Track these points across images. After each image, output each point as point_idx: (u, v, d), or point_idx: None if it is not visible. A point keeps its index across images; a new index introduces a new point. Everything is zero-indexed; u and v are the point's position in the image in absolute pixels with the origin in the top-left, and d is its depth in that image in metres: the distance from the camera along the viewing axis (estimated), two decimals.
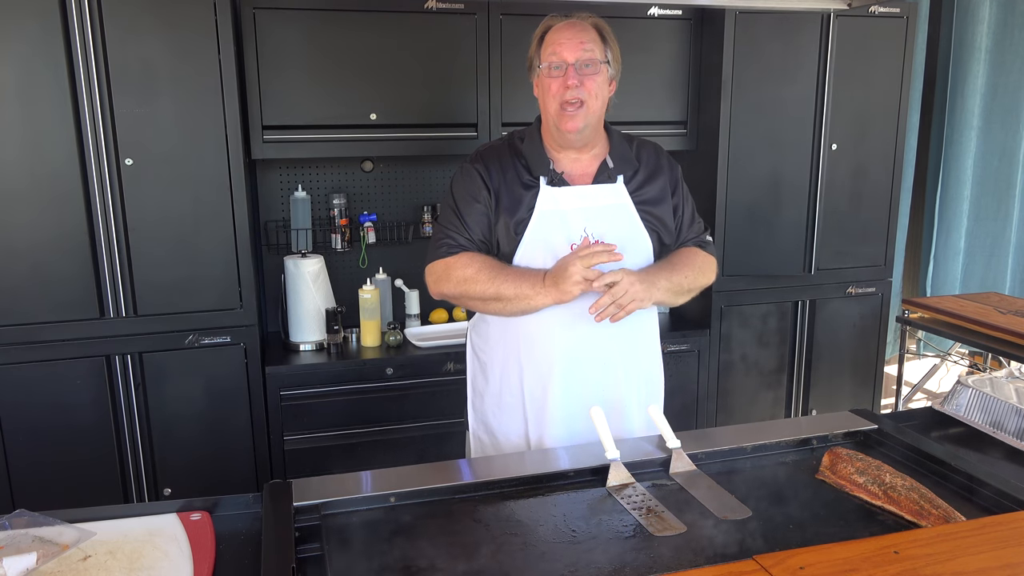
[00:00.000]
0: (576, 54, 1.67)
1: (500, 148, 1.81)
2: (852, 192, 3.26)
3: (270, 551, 1.20)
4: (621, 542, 1.28)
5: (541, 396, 1.78)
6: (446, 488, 1.44)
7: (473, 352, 1.93)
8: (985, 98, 4.32)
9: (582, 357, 1.77)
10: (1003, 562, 1.03)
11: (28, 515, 1.34)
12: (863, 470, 1.44)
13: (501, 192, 1.74)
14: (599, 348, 1.78)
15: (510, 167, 1.77)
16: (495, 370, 1.85)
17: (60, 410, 2.54)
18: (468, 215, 1.75)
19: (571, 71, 1.67)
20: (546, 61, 1.69)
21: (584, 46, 1.67)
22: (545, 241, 1.73)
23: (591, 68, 1.68)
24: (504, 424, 1.85)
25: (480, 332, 1.90)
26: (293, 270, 2.87)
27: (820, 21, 3.07)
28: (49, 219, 2.44)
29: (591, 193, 1.76)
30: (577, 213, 1.74)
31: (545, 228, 1.72)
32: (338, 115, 2.80)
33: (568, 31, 1.69)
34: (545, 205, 1.73)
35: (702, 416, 3.23)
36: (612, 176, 1.78)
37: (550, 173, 1.75)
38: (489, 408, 1.88)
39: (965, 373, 4.02)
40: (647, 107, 3.10)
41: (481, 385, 1.90)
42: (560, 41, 1.68)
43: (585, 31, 1.69)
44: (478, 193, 1.75)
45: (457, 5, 2.81)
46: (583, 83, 1.67)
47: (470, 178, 1.77)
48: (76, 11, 2.34)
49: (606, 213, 1.76)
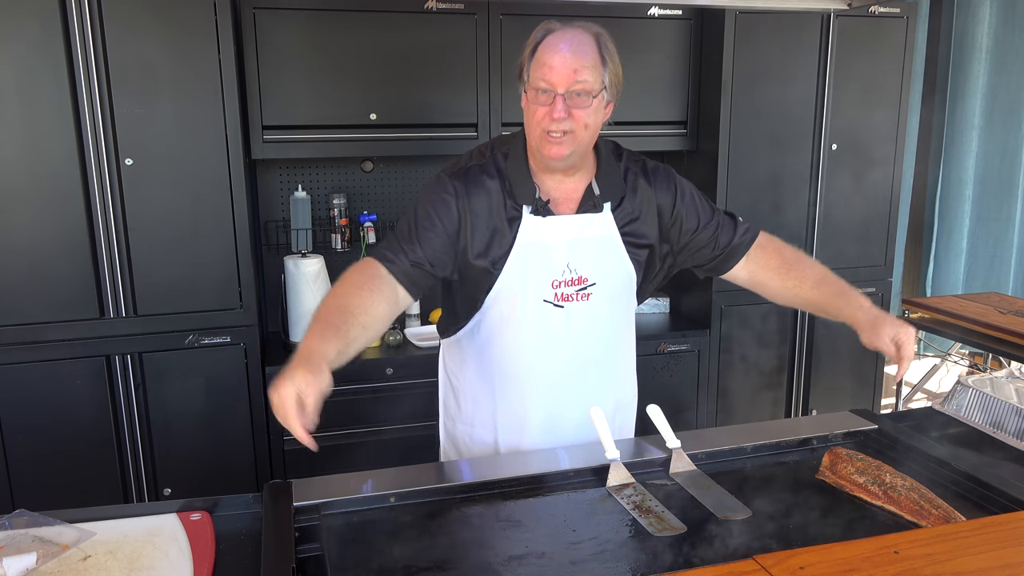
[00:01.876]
0: (567, 83, 1.47)
1: (484, 167, 1.62)
2: (852, 192, 3.26)
3: (270, 551, 1.20)
4: (621, 542, 1.28)
5: (517, 435, 1.71)
6: (446, 488, 1.44)
7: (446, 374, 1.84)
8: (986, 98, 4.32)
9: (563, 391, 1.68)
10: (1003, 562, 1.03)
11: (28, 515, 1.34)
12: (863, 470, 1.44)
13: (478, 221, 1.59)
14: (581, 381, 1.69)
15: (494, 192, 1.60)
16: (467, 398, 1.76)
17: (60, 410, 2.54)
18: (424, 236, 1.57)
19: (559, 101, 1.48)
20: (534, 84, 1.51)
21: (578, 76, 1.47)
22: (525, 275, 1.61)
23: (583, 99, 1.49)
24: (476, 451, 1.78)
25: (453, 355, 1.79)
26: (293, 270, 2.87)
27: (820, 21, 3.07)
28: (49, 219, 2.44)
29: (576, 223, 1.62)
30: (561, 246, 1.61)
31: (526, 261, 1.60)
32: (338, 115, 2.80)
33: (563, 53, 1.47)
34: (527, 236, 1.59)
35: (702, 416, 3.23)
36: (598, 204, 1.62)
37: (535, 201, 1.59)
38: (460, 436, 1.80)
39: (965, 373, 4.02)
40: (647, 107, 3.10)
41: (453, 410, 1.82)
42: (552, 64, 1.48)
43: (582, 53, 1.48)
44: (446, 218, 1.58)
45: (457, 5, 2.81)
46: (571, 114, 1.49)
47: (443, 199, 1.59)
48: (76, 11, 2.34)
49: (591, 246, 1.63)
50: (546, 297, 1.62)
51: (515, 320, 1.63)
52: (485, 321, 1.67)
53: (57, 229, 2.45)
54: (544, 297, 1.62)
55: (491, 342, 1.68)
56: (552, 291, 1.62)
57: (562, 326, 1.64)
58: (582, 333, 1.66)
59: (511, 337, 1.65)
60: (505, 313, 1.63)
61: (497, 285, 1.61)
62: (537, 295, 1.61)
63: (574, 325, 1.64)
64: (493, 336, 1.67)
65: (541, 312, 1.62)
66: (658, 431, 1.60)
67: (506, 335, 1.66)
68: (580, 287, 1.63)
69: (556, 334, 1.64)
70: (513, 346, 1.66)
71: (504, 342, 1.67)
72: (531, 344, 1.65)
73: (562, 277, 1.62)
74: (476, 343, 1.71)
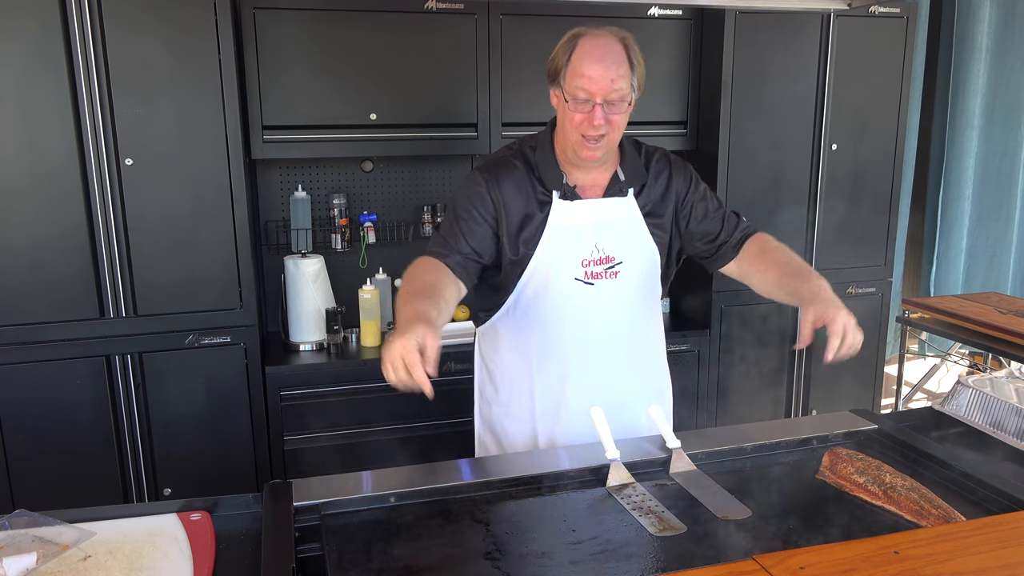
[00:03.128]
0: (605, 92, 1.58)
1: (511, 160, 1.74)
2: (852, 192, 3.26)
3: (270, 551, 1.20)
4: (621, 542, 1.28)
5: (554, 406, 1.79)
6: (446, 488, 1.44)
7: (482, 360, 1.93)
8: (986, 98, 4.32)
9: (593, 363, 1.77)
10: (1003, 562, 1.03)
11: (28, 515, 1.34)
12: (863, 470, 1.44)
13: (511, 207, 1.70)
14: (610, 354, 1.78)
15: (523, 180, 1.72)
16: (505, 379, 1.85)
17: (60, 410, 2.54)
18: (465, 228, 1.69)
19: (598, 110, 1.59)
20: (572, 93, 1.60)
21: (615, 84, 1.58)
22: (556, 255, 1.71)
23: (619, 106, 1.61)
24: (512, 432, 1.85)
25: (489, 340, 1.88)
26: (293, 270, 2.87)
27: (820, 21, 3.07)
28: (49, 219, 2.44)
29: (602, 207, 1.74)
30: (589, 227, 1.73)
31: (557, 242, 1.71)
32: (338, 115, 2.80)
33: (599, 63, 1.57)
34: (557, 219, 1.71)
35: (702, 416, 3.23)
36: (623, 189, 1.75)
37: (563, 186, 1.71)
38: (496, 416, 1.88)
39: (965, 373, 4.02)
40: (647, 107, 3.10)
41: (490, 394, 1.89)
42: (590, 75, 1.57)
43: (617, 62, 1.59)
44: (482, 207, 1.70)
45: (457, 5, 2.81)
46: (609, 120, 1.61)
47: (476, 191, 1.71)
48: (76, 11, 2.34)
49: (617, 227, 1.75)
50: (577, 275, 1.72)
51: (548, 298, 1.73)
52: (520, 301, 1.76)
53: (57, 229, 2.45)
54: (575, 275, 1.72)
55: (526, 320, 1.78)
56: (582, 269, 1.72)
57: (593, 302, 1.74)
58: (612, 308, 1.76)
59: (545, 313, 1.75)
60: (539, 292, 1.73)
61: (530, 266, 1.71)
62: (568, 273, 1.72)
63: (604, 301, 1.74)
64: (528, 314, 1.77)
65: (572, 289, 1.72)
66: (658, 431, 1.60)
67: (540, 312, 1.76)
68: (608, 266, 1.74)
69: (587, 310, 1.74)
70: (547, 321, 1.76)
71: (539, 318, 1.76)
72: (564, 320, 1.75)
73: (591, 256, 1.72)
74: (511, 323, 1.80)
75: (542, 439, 1.81)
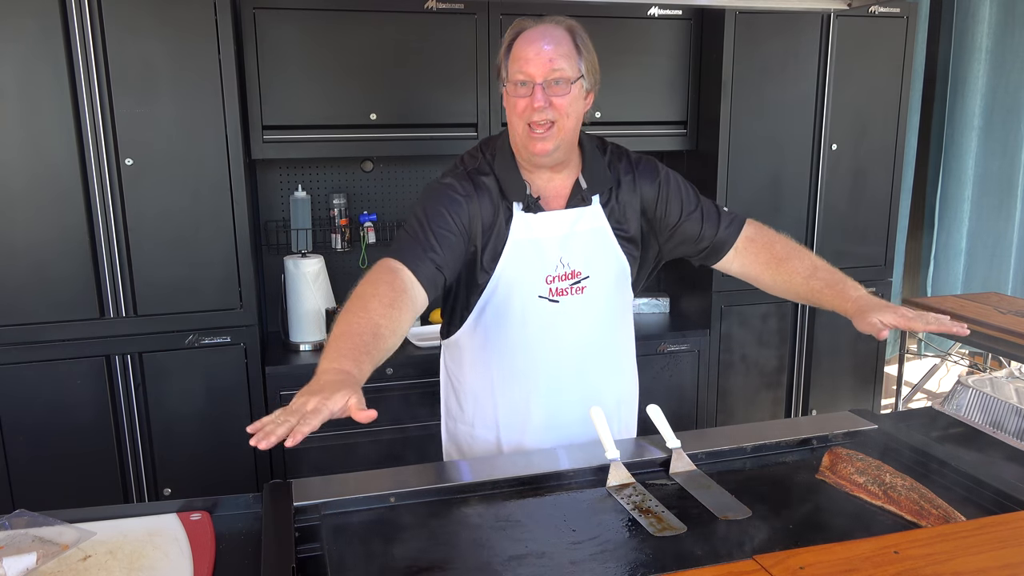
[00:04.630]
0: (544, 72, 1.51)
1: (481, 169, 1.64)
2: (852, 192, 3.26)
3: (270, 551, 1.20)
4: (621, 542, 1.28)
5: (520, 424, 1.71)
6: (446, 488, 1.44)
7: (447, 374, 1.84)
8: (986, 98, 4.32)
9: (559, 383, 1.69)
10: (1003, 562, 1.03)
11: (28, 515, 1.34)
12: (863, 470, 1.44)
13: (483, 221, 1.60)
14: (577, 372, 1.70)
15: (494, 192, 1.62)
16: (468, 397, 1.77)
17: (60, 410, 2.54)
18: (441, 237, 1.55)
19: (538, 91, 1.51)
20: (512, 78, 1.55)
21: (554, 64, 1.51)
22: (519, 272, 1.62)
23: (561, 87, 1.52)
24: (478, 450, 1.78)
25: (453, 355, 1.79)
26: (293, 270, 2.87)
27: (820, 21, 3.07)
28: (49, 219, 2.44)
29: (567, 218, 1.64)
30: (553, 241, 1.63)
31: (520, 258, 1.61)
32: (338, 115, 2.80)
33: (537, 44, 1.52)
34: (520, 234, 1.61)
35: (702, 416, 3.23)
36: (587, 197, 1.64)
37: (525, 198, 1.61)
38: (462, 433, 1.80)
39: (965, 373, 4.02)
40: (647, 107, 3.10)
41: (455, 410, 1.82)
42: (527, 57, 1.52)
43: (556, 43, 1.53)
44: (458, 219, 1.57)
45: (457, 5, 2.81)
46: (552, 103, 1.52)
47: (454, 200, 1.58)
48: (76, 11, 2.34)
49: (582, 239, 1.65)
50: (540, 293, 1.64)
51: (511, 317, 1.65)
52: (482, 320, 1.68)
53: (57, 229, 2.45)
54: (539, 293, 1.64)
55: (488, 340, 1.69)
56: (546, 286, 1.64)
57: (558, 320, 1.65)
58: (578, 326, 1.68)
59: (508, 334, 1.67)
60: (501, 311, 1.65)
61: (491, 283, 1.63)
62: (532, 291, 1.63)
63: (570, 319, 1.66)
64: (490, 334, 1.68)
65: (536, 308, 1.64)
66: (658, 431, 1.60)
67: (503, 332, 1.67)
68: (574, 281, 1.65)
69: (552, 328, 1.66)
70: (510, 343, 1.67)
71: (501, 339, 1.68)
72: (528, 340, 1.67)
73: (555, 272, 1.64)
74: (474, 342, 1.72)
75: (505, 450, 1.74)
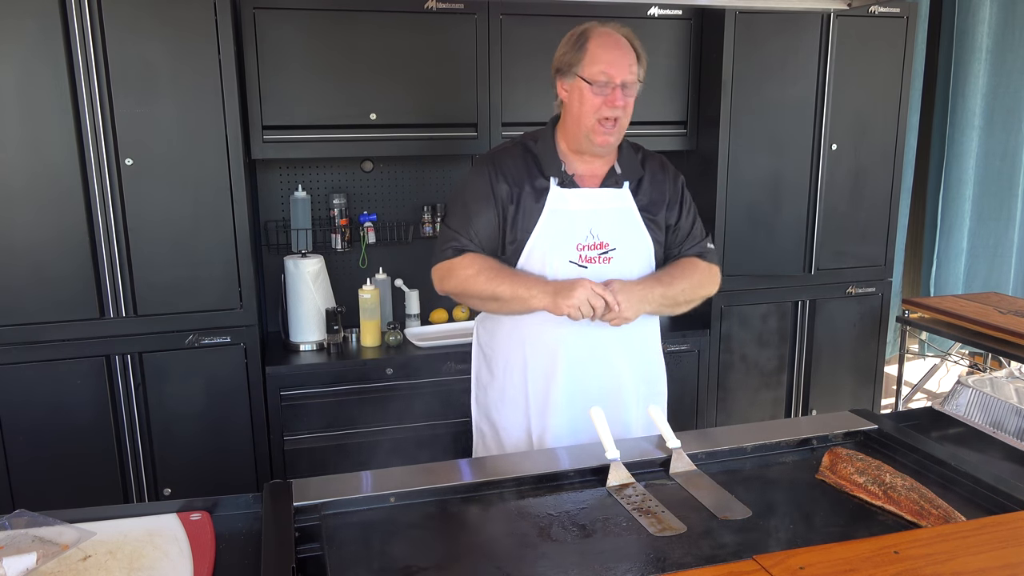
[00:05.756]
0: (624, 75, 1.73)
1: (512, 149, 1.86)
2: (852, 192, 3.26)
3: (270, 551, 1.20)
4: (621, 542, 1.28)
5: (544, 392, 1.84)
6: (446, 488, 1.44)
7: (479, 346, 2.00)
8: (986, 98, 4.32)
9: (585, 356, 1.83)
10: (1003, 562, 1.03)
11: (28, 515, 1.34)
12: (863, 470, 1.44)
13: (512, 193, 1.81)
14: (602, 347, 1.83)
15: (522, 168, 1.83)
16: (499, 365, 1.91)
17: (60, 410, 2.54)
18: (476, 218, 1.81)
19: (618, 92, 1.73)
20: (595, 78, 1.73)
21: (631, 68, 1.75)
22: (551, 240, 1.79)
23: (631, 89, 1.76)
24: (506, 418, 1.90)
25: (487, 327, 1.95)
26: (293, 270, 2.87)
27: (820, 21, 3.07)
28: (49, 219, 2.43)
29: (598, 196, 1.84)
30: (584, 214, 1.81)
31: (553, 227, 1.79)
32: (338, 115, 2.80)
33: (617, 49, 1.74)
34: (554, 204, 1.80)
35: (702, 416, 3.23)
36: (619, 182, 1.85)
37: (561, 174, 1.81)
38: (492, 402, 1.94)
39: (965, 373, 4.02)
40: (647, 107, 3.10)
41: (486, 379, 1.96)
42: (611, 60, 1.73)
43: (629, 49, 1.76)
44: (488, 196, 1.81)
45: (457, 5, 2.81)
46: (625, 103, 1.75)
47: (481, 180, 1.82)
48: (76, 11, 2.34)
49: (611, 216, 1.83)
50: (571, 258, 1.80)
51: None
52: None
53: (57, 229, 2.45)
54: (569, 258, 1.80)
55: None
56: (577, 253, 1.80)
57: None
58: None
59: None
60: (535, 273, 1.80)
61: (527, 248, 1.80)
62: (563, 256, 1.79)
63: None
64: None
65: (566, 271, 1.79)
66: (658, 431, 1.60)
67: None
68: (602, 251, 1.82)
69: None
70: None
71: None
72: None
73: (585, 241, 1.81)
74: None
75: (535, 429, 1.86)
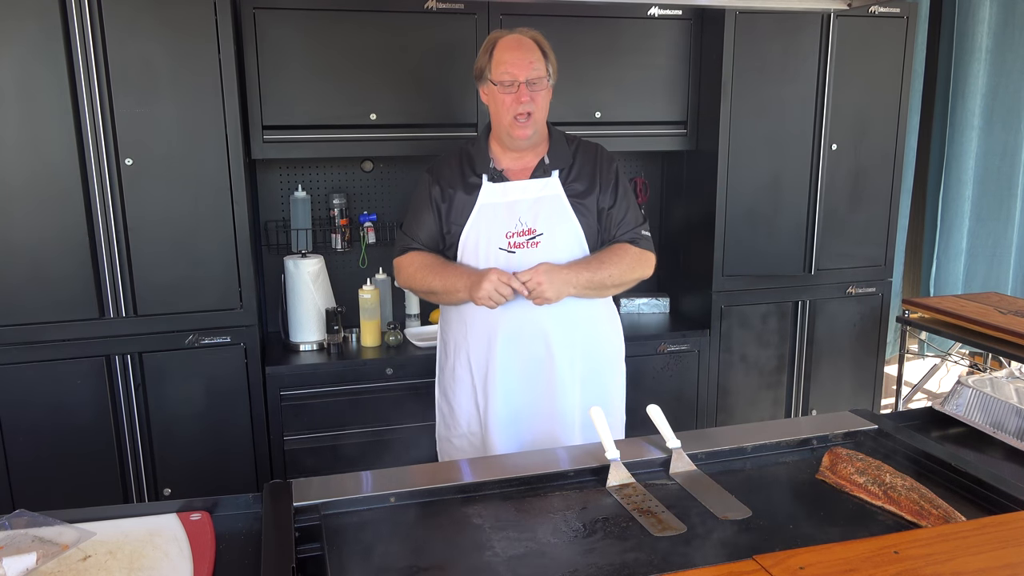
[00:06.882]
0: (526, 73, 1.93)
1: (450, 156, 2.09)
2: (852, 192, 3.26)
3: (270, 551, 1.20)
4: (621, 542, 1.28)
5: (484, 369, 2.03)
6: (446, 488, 1.44)
7: (440, 333, 2.20)
8: (986, 98, 4.32)
9: (518, 333, 2.00)
10: (1003, 562, 1.03)
11: (28, 515, 1.34)
12: (863, 470, 1.44)
13: (445, 193, 2.03)
14: (534, 324, 2.00)
15: (456, 170, 2.05)
16: (451, 347, 2.11)
17: (60, 410, 2.54)
18: (417, 219, 2.07)
19: (523, 88, 1.93)
20: (500, 78, 1.94)
21: (533, 65, 1.94)
22: (482, 230, 2.00)
23: (538, 84, 1.95)
24: (458, 395, 2.10)
25: (444, 315, 2.17)
26: (293, 270, 2.87)
27: (820, 21, 3.07)
28: (49, 219, 2.43)
29: (527, 187, 2.02)
30: (513, 204, 2.00)
31: (484, 218, 2.00)
32: (338, 115, 2.80)
33: (517, 51, 1.94)
34: (486, 199, 2.01)
35: (702, 416, 3.23)
36: (548, 171, 2.03)
37: (491, 171, 2.02)
38: (447, 382, 2.14)
39: (965, 373, 4.02)
40: (647, 107, 3.10)
41: (442, 361, 2.17)
42: (511, 61, 1.93)
43: (531, 50, 1.95)
44: (426, 199, 2.05)
45: (457, 5, 2.81)
46: (533, 98, 1.94)
47: (421, 187, 2.08)
48: (76, 11, 2.34)
49: (539, 204, 2.01)
50: (500, 245, 1.99)
51: (477, 265, 2.00)
52: None
53: (57, 229, 2.45)
54: (499, 245, 1.99)
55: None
56: (506, 240, 1.99)
57: (515, 267, 1.96)
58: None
59: None
60: (470, 262, 2.02)
61: (462, 238, 2.01)
62: (493, 244, 1.99)
63: (524, 265, 1.95)
64: None
65: (496, 257, 1.99)
66: (658, 431, 1.60)
67: None
68: (530, 237, 1.99)
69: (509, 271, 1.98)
70: None
71: None
72: None
73: (515, 229, 2.00)
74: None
75: (480, 403, 2.05)
